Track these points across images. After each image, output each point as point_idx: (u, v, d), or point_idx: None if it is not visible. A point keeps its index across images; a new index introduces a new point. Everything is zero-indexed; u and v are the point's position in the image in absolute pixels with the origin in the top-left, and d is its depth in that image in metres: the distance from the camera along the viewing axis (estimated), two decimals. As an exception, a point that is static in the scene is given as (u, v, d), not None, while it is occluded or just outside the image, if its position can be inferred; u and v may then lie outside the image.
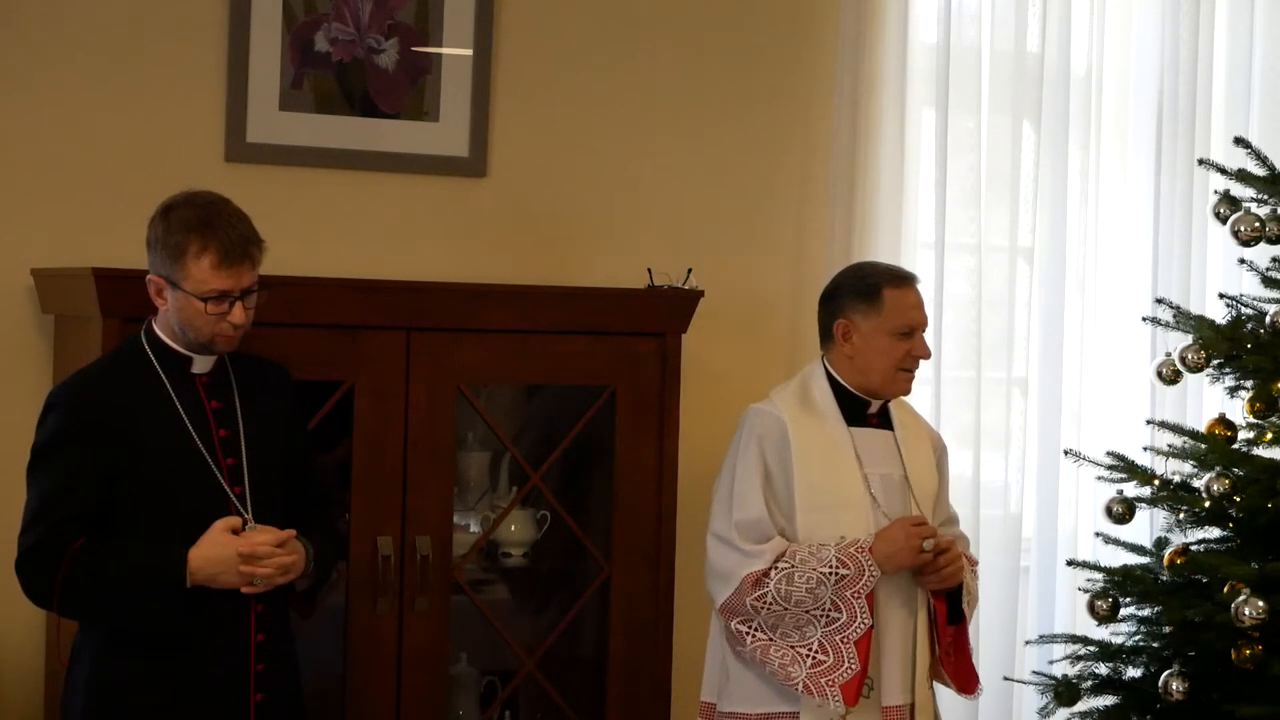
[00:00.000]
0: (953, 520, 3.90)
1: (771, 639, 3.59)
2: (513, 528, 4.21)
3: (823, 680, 3.53)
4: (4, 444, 3.79)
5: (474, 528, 4.20)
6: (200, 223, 3.22)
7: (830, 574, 3.55)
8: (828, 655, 3.55)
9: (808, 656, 3.56)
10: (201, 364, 3.33)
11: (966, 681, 3.76)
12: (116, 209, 3.96)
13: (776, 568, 3.56)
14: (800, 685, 3.54)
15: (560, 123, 4.49)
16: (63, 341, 3.90)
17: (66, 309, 3.84)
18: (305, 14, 4.17)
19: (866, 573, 3.55)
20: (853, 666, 3.54)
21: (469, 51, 4.33)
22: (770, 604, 3.56)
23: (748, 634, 3.59)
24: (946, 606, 3.69)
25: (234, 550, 3.20)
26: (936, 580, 3.65)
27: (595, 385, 4.12)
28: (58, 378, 3.79)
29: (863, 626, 3.55)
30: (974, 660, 3.83)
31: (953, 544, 3.68)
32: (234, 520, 3.25)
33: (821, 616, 3.57)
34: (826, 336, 3.75)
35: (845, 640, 3.55)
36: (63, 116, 3.98)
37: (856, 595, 3.55)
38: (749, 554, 3.57)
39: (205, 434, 3.29)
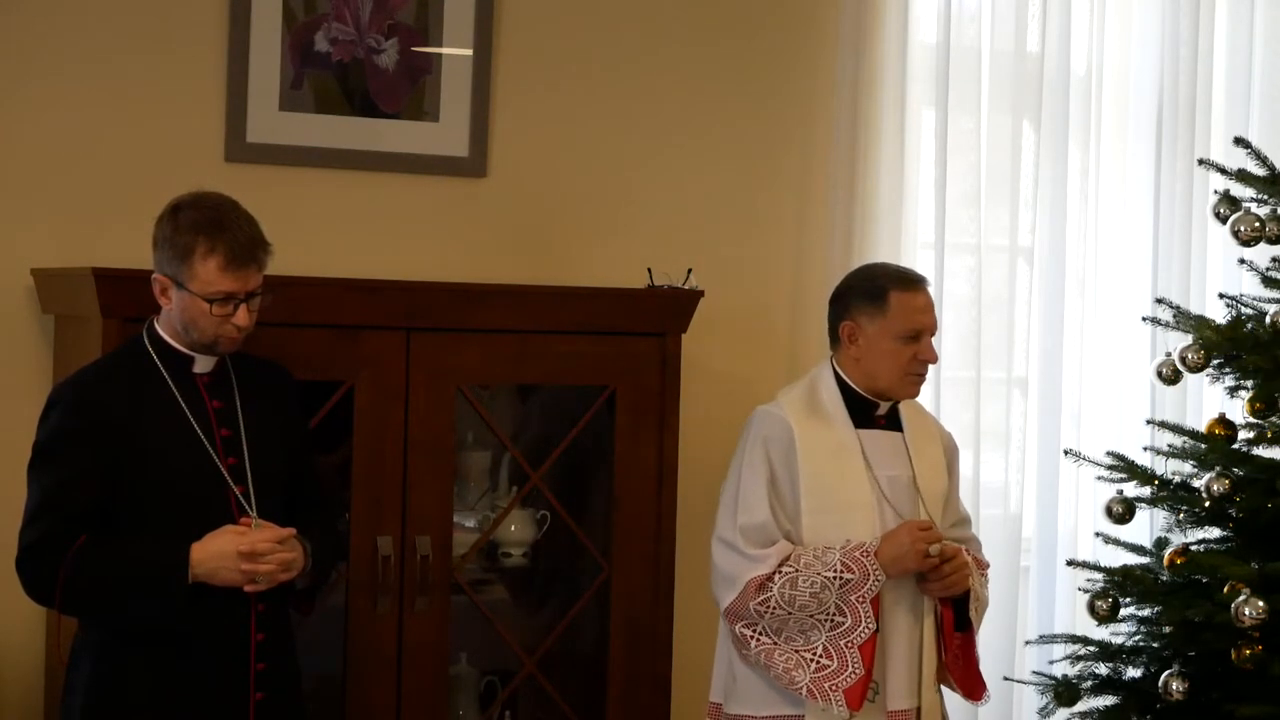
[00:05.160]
0: (964, 522, 3.88)
1: (776, 643, 3.57)
2: (512, 527, 4.21)
3: (826, 685, 3.52)
4: (4, 443, 3.79)
5: (473, 527, 4.20)
6: (209, 224, 3.22)
7: (835, 578, 3.53)
8: (832, 660, 3.54)
9: (812, 661, 3.55)
10: (203, 363, 3.33)
11: (973, 688, 3.74)
12: (116, 209, 3.96)
13: (781, 572, 3.55)
14: (804, 690, 3.53)
15: (560, 123, 4.48)
16: (63, 341, 3.89)
17: (66, 309, 3.83)
18: (305, 14, 4.17)
19: (871, 577, 3.54)
20: (857, 671, 3.52)
21: (469, 51, 4.33)
22: (774, 608, 3.54)
23: (752, 638, 3.58)
24: (954, 613, 3.68)
25: (235, 547, 3.20)
26: (940, 588, 3.63)
27: (595, 385, 4.12)
28: (58, 378, 3.78)
29: (867, 631, 3.54)
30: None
31: (959, 552, 3.65)
32: (242, 527, 3.25)
33: (826, 621, 3.55)
34: (834, 337, 3.73)
35: (850, 645, 3.54)
36: (63, 116, 3.97)
37: (861, 600, 3.54)
38: (753, 558, 3.56)
39: (207, 433, 3.29)
